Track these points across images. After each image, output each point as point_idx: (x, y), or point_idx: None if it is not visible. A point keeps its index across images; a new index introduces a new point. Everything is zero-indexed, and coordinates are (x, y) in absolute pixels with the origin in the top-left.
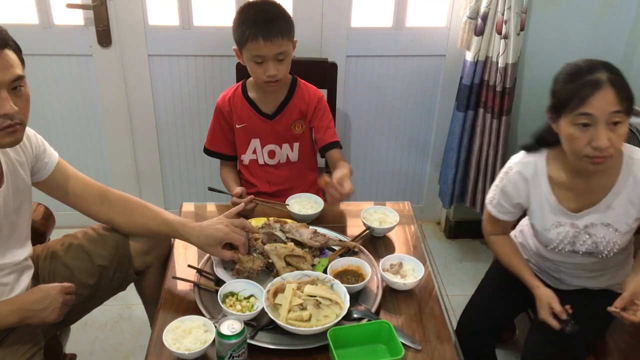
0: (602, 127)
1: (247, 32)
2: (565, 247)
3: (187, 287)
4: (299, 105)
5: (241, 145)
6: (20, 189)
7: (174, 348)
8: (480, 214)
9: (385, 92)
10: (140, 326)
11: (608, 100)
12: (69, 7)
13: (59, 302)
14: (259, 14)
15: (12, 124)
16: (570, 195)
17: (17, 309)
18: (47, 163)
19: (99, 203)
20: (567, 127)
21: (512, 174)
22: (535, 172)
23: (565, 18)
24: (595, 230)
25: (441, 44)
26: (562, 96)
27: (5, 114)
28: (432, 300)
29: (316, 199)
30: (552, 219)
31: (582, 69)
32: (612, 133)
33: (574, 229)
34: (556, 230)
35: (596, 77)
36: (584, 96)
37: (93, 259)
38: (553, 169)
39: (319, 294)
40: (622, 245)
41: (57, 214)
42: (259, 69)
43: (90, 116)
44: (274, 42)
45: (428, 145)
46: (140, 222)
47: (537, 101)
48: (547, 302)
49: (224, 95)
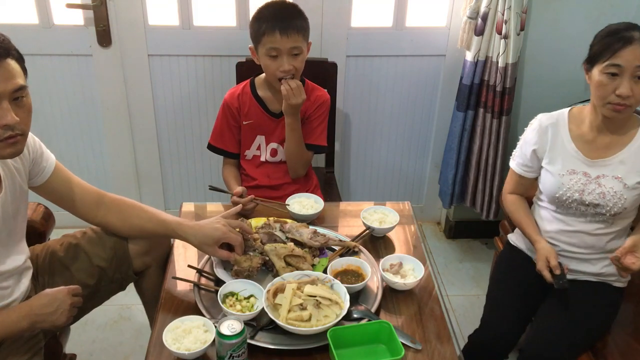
0: (627, 77)
1: (264, 25)
2: (573, 194)
3: (187, 287)
4: (305, 105)
5: (246, 141)
6: (17, 194)
7: (174, 348)
8: (480, 214)
9: (385, 92)
10: (140, 326)
11: (636, 55)
12: (69, 7)
13: (67, 305)
14: (276, 11)
15: (13, 135)
16: (588, 147)
17: (26, 315)
18: (45, 167)
19: (96, 207)
20: (597, 75)
21: (535, 123)
22: (557, 122)
23: (565, 18)
24: (605, 181)
25: (441, 44)
26: (597, 48)
27: (6, 124)
28: (432, 300)
29: (316, 199)
30: (568, 165)
31: (619, 27)
32: (635, 85)
33: (586, 177)
34: (569, 177)
35: (630, 34)
36: (616, 48)
37: (92, 259)
38: (574, 123)
39: (319, 294)
40: (627, 203)
41: (57, 214)
42: (274, 64)
43: (90, 116)
44: (290, 37)
45: (428, 145)
46: (137, 223)
47: (537, 101)
48: (545, 255)
49: (232, 92)
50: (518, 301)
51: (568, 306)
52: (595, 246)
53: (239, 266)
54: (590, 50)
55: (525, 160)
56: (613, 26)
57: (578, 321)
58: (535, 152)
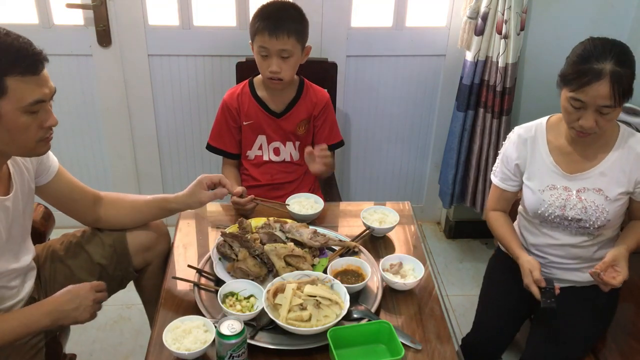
0: (590, 112)
1: (258, 24)
2: (555, 210)
3: (187, 287)
4: (306, 106)
5: (247, 141)
6: (26, 192)
7: (174, 348)
8: (480, 214)
9: (385, 92)
10: (140, 326)
11: (601, 94)
12: (69, 7)
13: (90, 301)
14: (273, 11)
15: (51, 135)
16: (567, 160)
17: (49, 312)
18: (49, 167)
19: (93, 208)
20: (564, 100)
21: (513, 136)
22: (535, 134)
23: (565, 18)
24: (587, 195)
25: (441, 44)
26: (566, 74)
27: (53, 125)
28: (432, 300)
29: (316, 199)
30: (547, 180)
31: (593, 53)
32: (600, 117)
33: (566, 192)
34: (549, 192)
35: (600, 67)
36: (582, 83)
37: (92, 257)
38: (552, 134)
39: (319, 294)
40: (609, 216)
41: (57, 214)
42: (264, 63)
43: (90, 116)
44: (279, 38)
45: (428, 145)
46: (131, 212)
47: (537, 101)
48: (528, 269)
49: (231, 92)
50: (510, 303)
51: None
52: (583, 256)
53: (246, 266)
54: (564, 66)
55: (508, 174)
56: (588, 47)
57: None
58: (518, 166)
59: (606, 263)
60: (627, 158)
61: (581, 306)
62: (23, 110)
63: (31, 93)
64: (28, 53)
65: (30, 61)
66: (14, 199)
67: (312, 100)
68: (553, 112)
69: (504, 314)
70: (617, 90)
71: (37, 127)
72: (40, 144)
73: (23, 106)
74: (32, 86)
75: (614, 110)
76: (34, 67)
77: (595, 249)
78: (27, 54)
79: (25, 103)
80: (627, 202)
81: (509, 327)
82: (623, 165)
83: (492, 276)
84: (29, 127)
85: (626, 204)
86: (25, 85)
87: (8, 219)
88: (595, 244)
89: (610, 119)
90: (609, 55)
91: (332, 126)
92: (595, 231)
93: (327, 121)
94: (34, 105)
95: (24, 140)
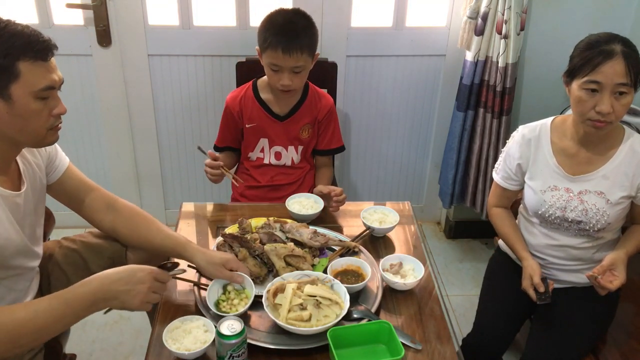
0: (607, 94)
1: (270, 39)
2: (555, 211)
3: (187, 287)
4: (310, 109)
5: (249, 143)
6: (37, 189)
7: (174, 348)
8: (480, 214)
9: (385, 92)
10: (140, 326)
11: (617, 71)
12: (69, 7)
13: (145, 287)
14: (285, 24)
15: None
16: (570, 161)
17: (96, 289)
18: (58, 166)
19: (105, 211)
20: (577, 90)
21: (517, 136)
22: (539, 134)
23: (565, 18)
24: (588, 197)
25: (441, 44)
26: (577, 62)
27: (62, 113)
28: (432, 300)
29: (316, 198)
30: (550, 181)
31: (600, 39)
32: (615, 101)
33: (568, 193)
34: (550, 193)
35: (611, 47)
36: (596, 64)
37: (89, 265)
38: (557, 135)
39: (319, 294)
40: (610, 219)
41: (57, 214)
42: (275, 76)
43: (90, 116)
44: (292, 56)
45: (428, 145)
46: (145, 234)
47: (537, 101)
48: (529, 274)
49: (233, 95)
50: (511, 303)
51: (563, 315)
52: (583, 258)
53: (247, 268)
54: (570, 63)
55: (509, 173)
56: (593, 37)
57: (576, 328)
58: (520, 166)
59: (604, 267)
60: (631, 162)
61: (581, 307)
62: (34, 96)
63: (42, 79)
64: (38, 39)
65: (40, 47)
66: (25, 195)
67: (316, 105)
68: (553, 112)
69: (504, 315)
70: (631, 66)
71: (47, 114)
72: (50, 132)
73: (34, 91)
74: (43, 71)
75: (629, 92)
76: (44, 53)
77: (595, 251)
78: (37, 40)
79: (37, 88)
80: (628, 206)
81: (509, 328)
82: (626, 169)
83: (492, 276)
84: (41, 113)
85: (627, 208)
86: (37, 70)
87: (19, 216)
88: (595, 246)
89: (625, 103)
90: (615, 40)
91: (335, 131)
92: (595, 233)
93: (331, 126)
94: (45, 90)
95: (36, 126)
